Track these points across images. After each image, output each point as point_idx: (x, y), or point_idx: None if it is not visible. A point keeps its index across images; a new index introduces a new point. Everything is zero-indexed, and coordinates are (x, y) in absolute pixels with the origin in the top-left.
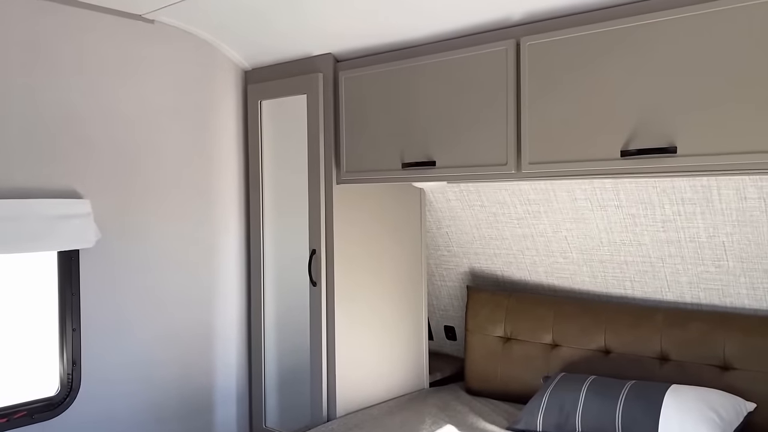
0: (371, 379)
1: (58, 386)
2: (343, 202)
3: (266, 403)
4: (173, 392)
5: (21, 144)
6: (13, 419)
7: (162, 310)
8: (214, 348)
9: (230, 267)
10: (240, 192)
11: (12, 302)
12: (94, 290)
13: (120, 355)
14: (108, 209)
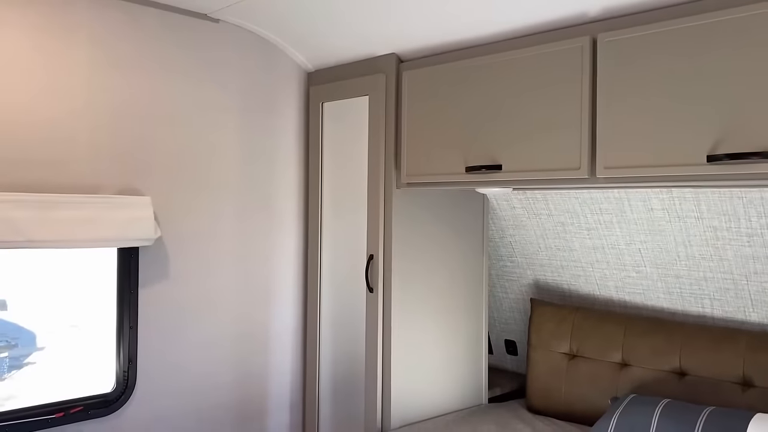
0: (427, 391)
1: (114, 383)
2: (403, 207)
3: (320, 412)
4: (226, 396)
5: (84, 141)
6: (69, 414)
7: (217, 312)
8: (268, 353)
9: (287, 270)
10: (299, 194)
11: (73, 298)
12: (151, 289)
13: (175, 355)
14: (168, 208)
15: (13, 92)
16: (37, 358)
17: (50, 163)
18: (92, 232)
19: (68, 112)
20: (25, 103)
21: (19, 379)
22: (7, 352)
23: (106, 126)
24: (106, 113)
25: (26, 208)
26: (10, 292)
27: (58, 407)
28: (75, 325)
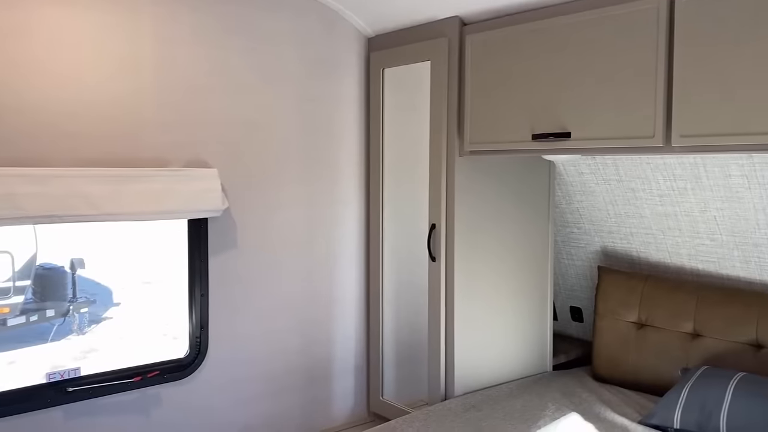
0: (491, 359)
1: (188, 349)
2: (466, 175)
3: (383, 376)
4: (293, 361)
5: (152, 116)
6: (147, 378)
7: (282, 280)
8: (332, 319)
9: (349, 239)
10: (360, 163)
11: (145, 257)
12: (220, 258)
13: (243, 321)
14: (234, 179)
15: (83, 70)
16: (113, 313)
17: (121, 138)
18: (163, 204)
19: (136, 89)
20: (95, 81)
21: (99, 333)
22: (87, 308)
23: (172, 100)
24: (171, 88)
25: (101, 183)
26: (88, 251)
27: (136, 371)
28: (148, 281)
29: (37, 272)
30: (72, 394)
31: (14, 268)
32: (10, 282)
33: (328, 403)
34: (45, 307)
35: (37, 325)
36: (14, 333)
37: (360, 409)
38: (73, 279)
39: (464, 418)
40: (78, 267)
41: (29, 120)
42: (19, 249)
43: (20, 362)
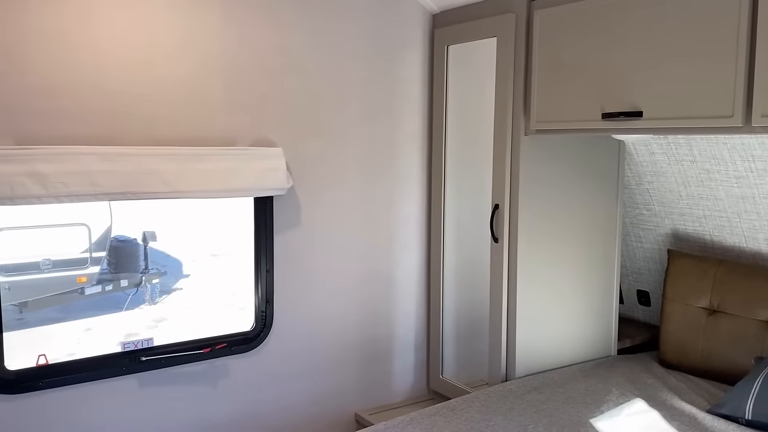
0: (554, 341)
1: (253, 322)
2: (531, 155)
3: (443, 355)
4: (354, 337)
5: (220, 96)
6: (215, 349)
7: (345, 257)
8: (393, 297)
9: (411, 218)
10: (423, 141)
11: (213, 231)
12: (285, 235)
13: (307, 297)
14: (298, 158)
15: (155, 54)
16: (183, 285)
17: (191, 118)
18: (230, 183)
19: (205, 71)
20: (166, 64)
21: (169, 303)
22: (158, 279)
23: (239, 81)
24: (239, 70)
25: (172, 162)
26: (159, 225)
27: (205, 343)
28: (215, 254)
29: (112, 244)
30: (145, 363)
31: (91, 240)
32: (87, 253)
33: (388, 379)
34: (119, 278)
35: (112, 294)
36: (91, 301)
37: (420, 387)
38: (145, 251)
39: (525, 400)
40: (150, 240)
41: (105, 101)
42: (95, 222)
43: (96, 329)
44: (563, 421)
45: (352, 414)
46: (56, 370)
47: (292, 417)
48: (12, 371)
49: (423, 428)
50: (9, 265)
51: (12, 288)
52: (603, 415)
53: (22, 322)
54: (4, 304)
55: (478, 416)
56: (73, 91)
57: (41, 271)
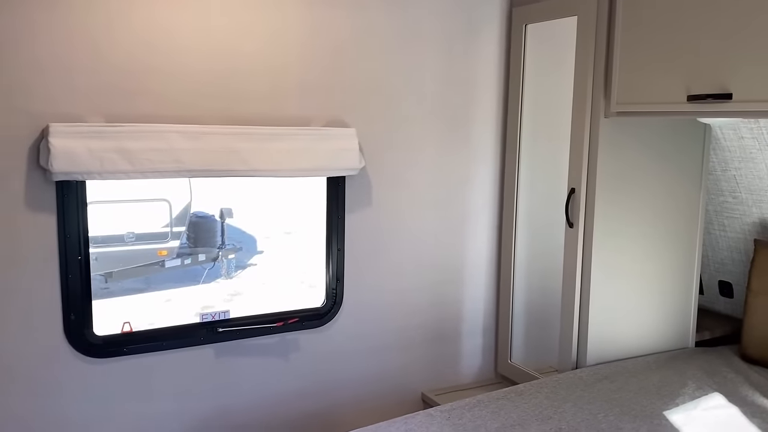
0: (628, 330)
1: (324, 299)
2: (610, 137)
3: (512, 340)
4: (423, 318)
5: (296, 76)
6: (287, 324)
7: (415, 238)
8: (462, 279)
9: (482, 200)
10: (497, 123)
11: (287, 209)
12: (356, 215)
13: (376, 276)
14: (371, 138)
15: (232, 35)
16: (257, 260)
17: (268, 98)
18: (305, 162)
19: (280, 51)
20: (243, 45)
21: (244, 278)
22: (234, 255)
23: (315, 62)
24: (315, 51)
25: (249, 140)
26: (235, 202)
27: (278, 317)
28: (289, 232)
29: (191, 220)
30: (221, 335)
31: (171, 216)
32: (167, 227)
33: (456, 361)
34: (197, 252)
35: (191, 268)
36: (171, 274)
37: (487, 370)
38: (222, 227)
39: (596, 388)
40: (227, 216)
41: (188, 82)
42: (176, 198)
43: (175, 300)
44: (635, 412)
45: (418, 393)
46: (139, 338)
47: (359, 393)
48: (100, 337)
49: (489, 411)
50: (97, 237)
51: (99, 258)
52: (678, 408)
53: (107, 291)
54: (93, 274)
55: (546, 402)
56: (158, 72)
57: (125, 243)
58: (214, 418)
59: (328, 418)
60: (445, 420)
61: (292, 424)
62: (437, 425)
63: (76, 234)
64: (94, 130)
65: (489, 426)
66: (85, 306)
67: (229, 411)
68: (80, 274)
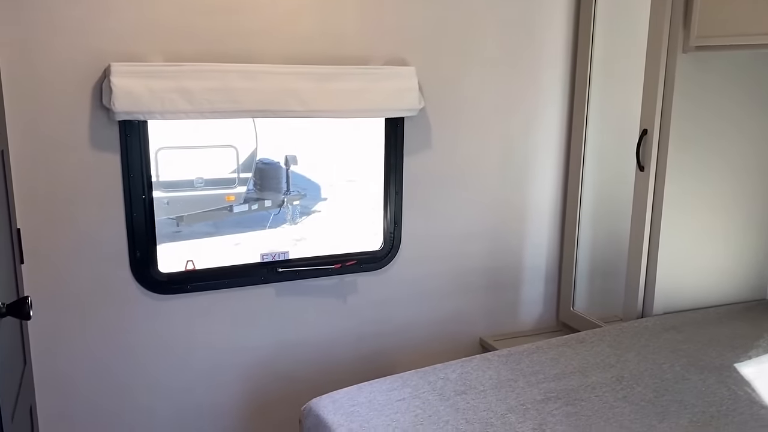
0: (699, 279)
1: (382, 242)
2: (689, 75)
3: (576, 287)
4: (483, 264)
5: (354, 13)
6: (345, 266)
7: (476, 182)
8: (525, 224)
9: (548, 143)
10: (565, 60)
11: (350, 156)
12: (415, 157)
13: (435, 221)
14: (431, 78)
15: None
16: (321, 207)
17: (325, 37)
18: (363, 102)
19: None
20: None
21: (308, 224)
22: (298, 201)
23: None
24: None
25: (307, 80)
26: (300, 150)
27: (336, 259)
28: (351, 180)
29: (257, 166)
30: (281, 274)
31: (238, 162)
32: (235, 174)
33: (516, 308)
34: (264, 198)
35: (257, 213)
36: (239, 219)
37: (548, 318)
38: (287, 174)
39: (662, 338)
40: (291, 163)
41: (243, 20)
42: (243, 145)
43: (243, 244)
44: (703, 363)
45: (477, 338)
46: (202, 276)
47: (416, 336)
48: (164, 274)
49: (549, 357)
50: (167, 181)
51: (170, 203)
52: (750, 361)
53: (178, 234)
54: (164, 217)
55: (608, 350)
56: (215, 10)
57: (195, 188)
58: (274, 355)
59: (385, 359)
60: (502, 364)
61: (349, 363)
62: (494, 369)
63: (139, 174)
64: (154, 69)
65: (547, 372)
66: (150, 244)
67: (288, 348)
68: (144, 213)
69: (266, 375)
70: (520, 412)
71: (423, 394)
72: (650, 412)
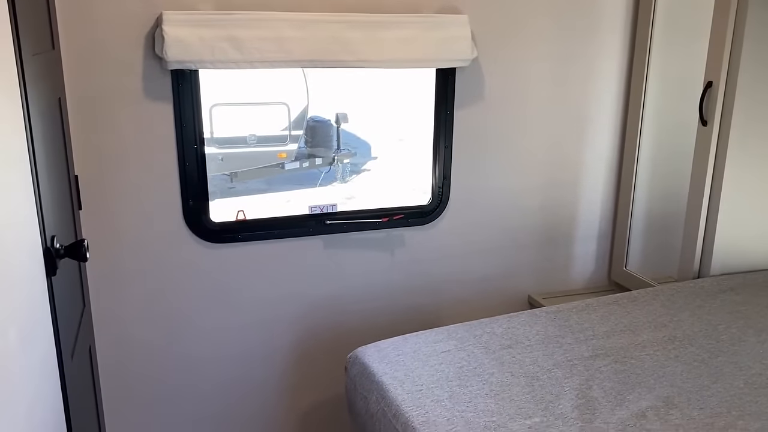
0: (761, 240)
1: (430, 197)
2: (760, 22)
3: (629, 246)
4: (534, 220)
5: None
6: (393, 220)
7: (529, 136)
8: (579, 180)
9: (607, 96)
10: (627, 11)
11: (400, 115)
12: (466, 110)
13: (485, 175)
14: (484, 27)
15: None
16: (371, 166)
17: None
18: (413, 52)
19: None
20: None
21: (357, 182)
22: (349, 159)
23: None
24: None
25: (357, 28)
26: (351, 108)
27: (384, 213)
28: (401, 139)
29: (309, 124)
30: (329, 227)
31: (290, 119)
32: (286, 131)
33: (567, 265)
34: (315, 155)
35: (308, 171)
36: (290, 176)
37: (599, 277)
38: (338, 132)
39: (718, 299)
40: (342, 121)
41: None
42: (294, 101)
43: (294, 201)
44: (761, 326)
45: (525, 295)
46: (252, 226)
47: (462, 292)
48: (216, 223)
49: (599, 315)
50: (221, 138)
51: (224, 159)
52: None
53: (232, 190)
54: (219, 173)
55: (661, 310)
56: None
57: (248, 145)
58: (321, 305)
59: (430, 313)
60: (549, 321)
61: (394, 316)
62: (541, 325)
63: (192, 124)
64: (205, 18)
65: (597, 329)
66: (202, 193)
67: (334, 299)
68: (197, 163)
69: (312, 324)
70: (566, 367)
71: (468, 347)
72: (703, 373)
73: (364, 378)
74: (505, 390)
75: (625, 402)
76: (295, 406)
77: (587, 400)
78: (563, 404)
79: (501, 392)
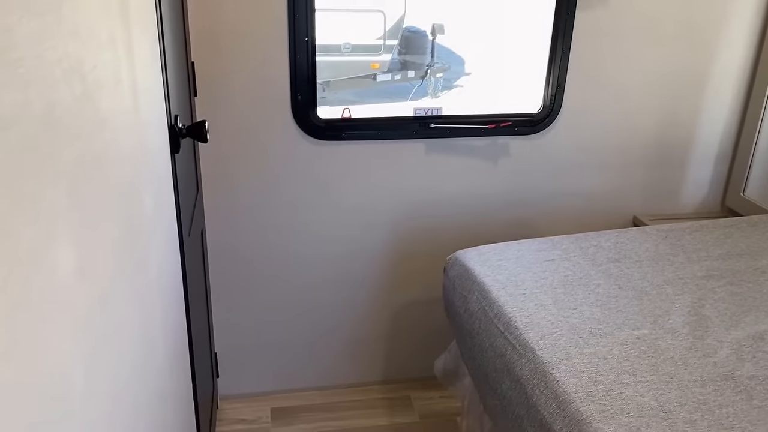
0: None
1: (541, 105)
2: None
3: (751, 170)
4: (647, 138)
5: None
6: (500, 127)
7: (651, 47)
8: (703, 98)
9: (742, 6)
10: None
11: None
12: (587, 13)
13: (601, 88)
14: None
15: None
16: (464, 82)
17: None
18: None
19: None
20: None
21: (449, 98)
22: (442, 74)
23: None
24: None
25: None
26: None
27: (491, 119)
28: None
29: (404, 34)
30: (433, 130)
31: (385, 28)
32: (381, 41)
33: (678, 188)
34: (407, 68)
35: (400, 84)
36: (381, 89)
37: (712, 202)
38: (432, 44)
39: None
40: (438, 33)
41: None
42: (391, 10)
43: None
44: None
45: (630, 216)
46: (356, 125)
47: (566, 207)
48: (322, 119)
49: (714, 237)
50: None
51: (318, 67)
52: None
53: (324, 100)
54: None
55: None
56: None
57: (342, 54)
58: (421, 208)
59: (530, 226)
60: (661, 239)
61: (493, 226)
62: (651, 242)
63: (304, 14)
64: None
65: (711, 251)
66: (311, 88)
67: (435, 203)
68: (307, 56)
69: (413, 226)
70: (678, 285)
71: (574, 258)
72: None
73: (465, 279)
74: (612, 301)
75: (740, 324)
76: (393, 302)
77: (699, 318)
78: (674, 319)
79: (608, 302)
